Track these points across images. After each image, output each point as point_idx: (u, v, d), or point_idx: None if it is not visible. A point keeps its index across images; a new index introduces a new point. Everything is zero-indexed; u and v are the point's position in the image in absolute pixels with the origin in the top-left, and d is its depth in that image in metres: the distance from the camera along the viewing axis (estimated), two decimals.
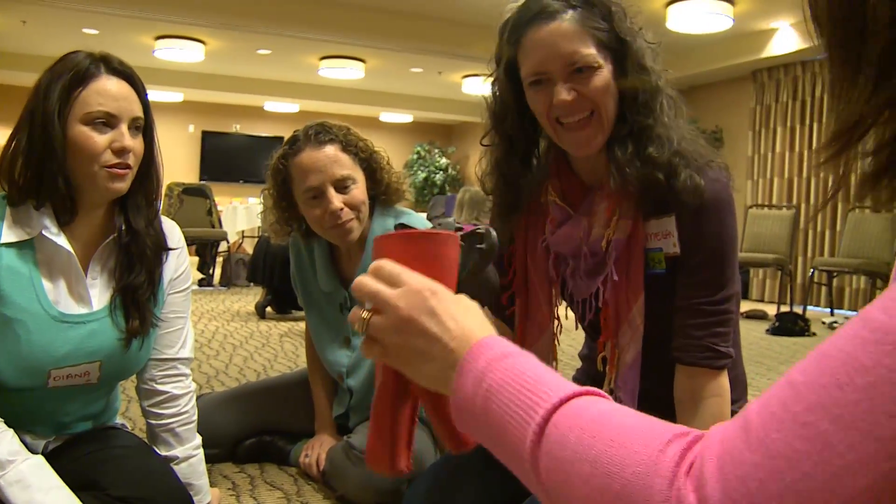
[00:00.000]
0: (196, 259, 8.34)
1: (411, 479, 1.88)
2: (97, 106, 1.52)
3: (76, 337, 1.58)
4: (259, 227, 9.60)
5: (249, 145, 13.78)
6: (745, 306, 7.52)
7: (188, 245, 8.50)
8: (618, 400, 1.39)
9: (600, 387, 1.43)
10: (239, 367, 3.86)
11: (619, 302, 1.40)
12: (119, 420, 1.90)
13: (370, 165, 2.07)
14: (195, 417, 1.82)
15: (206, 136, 13.65)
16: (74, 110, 1.52)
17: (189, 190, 8.33)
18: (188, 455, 1.79)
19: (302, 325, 5.33)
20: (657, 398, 1.36)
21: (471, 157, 14.72)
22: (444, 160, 14.49)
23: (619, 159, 1.35)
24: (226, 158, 13.67)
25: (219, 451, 2.25)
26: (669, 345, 1.40)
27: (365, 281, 0.77)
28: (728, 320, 1.39)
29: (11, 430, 1.50)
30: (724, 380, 1.38)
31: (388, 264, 0.76)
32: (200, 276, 8.23)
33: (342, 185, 1.99)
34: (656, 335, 1.40)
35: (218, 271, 8.47)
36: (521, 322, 1.56)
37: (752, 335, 5.75)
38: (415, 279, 0.75)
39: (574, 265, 1.46)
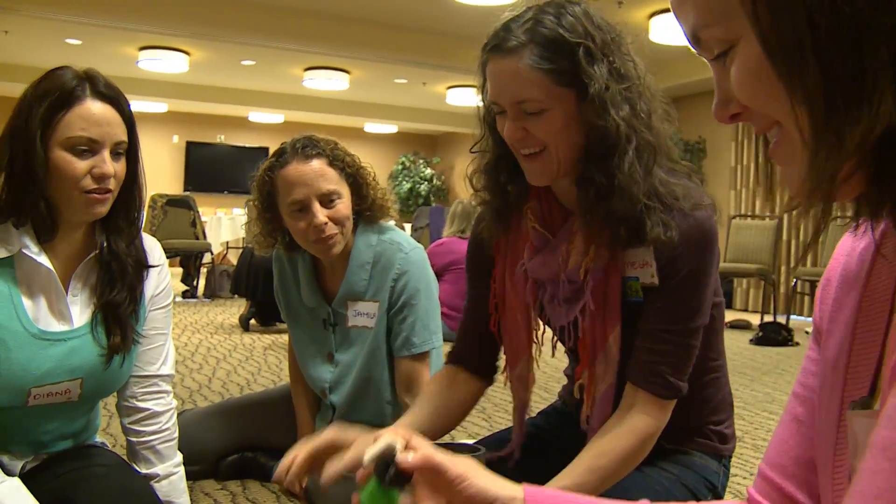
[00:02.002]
0: (180, 270, 8.30)
1: None
2: (80, 131, 1.50)
3: (57, 354, 1.57)
4: (244, 239, 9.58)
5: (234, 156, 13.75)
6: (728, 316, 7.55)
7: (172, 257, 8.48)
8: (591, 428, 1.40)
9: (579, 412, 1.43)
10: (222, 381, 3.84)
11: (596, 331, 1.39)
12: (99, 438, 1.88)
13: (356, 181, 2.06)
14: (176, 434, 1.81)
15: (191, 147, 13.61)
16: (57, 133, 1.50)
17: (173, 201, 8.29)
18: (169, 473, 1.78)
19: (286, 338, 5.31)
20: None
21: (456, 167, 14.74)
22: (428, 171, 14.50)
23: (581, 203, 1.33)
24: (210, 169, 13.64)
25: (200, 468, 2.23)
26: None
27: None
28: (688, 354, 1.36)
29: None
30: (662, 412, 1.36)
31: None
32: (184, 287, 8.19)
33: (327, 200, 1.98)
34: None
35: (202, 283, 8.42)
36: (504, 345, 1.56)
37: (736, 345, 5.77)
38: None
39: (552, 291, 1.44)
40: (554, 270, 1.41)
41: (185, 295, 8.07)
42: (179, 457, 1.81)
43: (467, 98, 11.44)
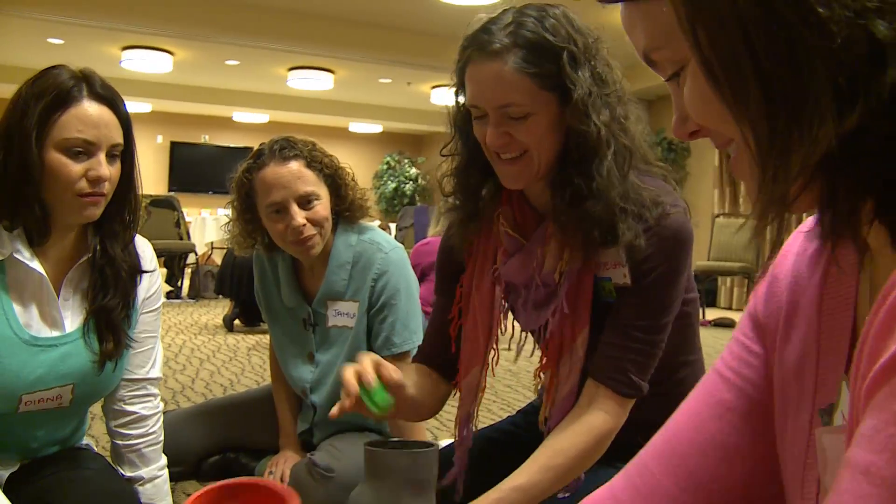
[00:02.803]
0: (164, 271, 8.27)
1: None
2: (76, 133, 1.48)
3: (48, 360, 1.54)
4: (228, 239, 9.54)
5: (219, 156, 13.70)
6: (712, 314, 7.59)
7: (156, 257, 8.45)
8: (549, 430, 1.39)
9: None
10: (205, 382, 3.83)
11: (564, 332, 1.38)
12: (84, 440, 1.87)
13: (335, 182, 2.06)
14: (162, 438, 1.80)
15: (175, 147, 13.56)
16: (52, 135, 1.48)
17: (157, 202, 8.26)
18: (153, 476, 1.77)
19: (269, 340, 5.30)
20: None
21: (441, 167, 14.72)
22: (413, 170, 14.51)
23: (556, 206, 1.33)
24: (195, 169, 13.59)
25: (183, 469, 2.23)
26: None
27: None
28: (652, 353, 1.36)
29: None
30: (622, 410, 1.35)
31: None
32: (169, 288, 8.16)
33: (305, 202, 1.99)
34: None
35: (186, 283, 8.40)
36: (462, 352, 1.53)
37: (719, 343, 5.80)
38: None
39: (525, 296, 1.44)
40: (528, 274, 1.40)
41: (169, 295, 8.04)
42: (164, 460, 1.81)
43: (452, 98, 11.43)
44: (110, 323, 1.60)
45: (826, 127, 0.49)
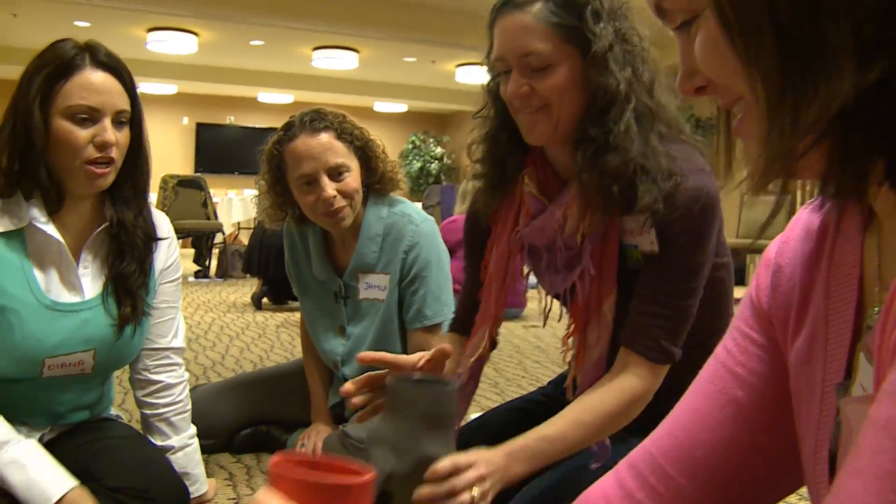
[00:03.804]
0: (192, 251, 8.32)
1: None
2: (79, 100, 1.51)
3: (69, 325, 1.58)
4: (255, 218, 9.60)
5: (244, 136, 13.74)
6: (739, 292, 7.49)
7: (183, 237, 8.51)
8: (577, 396, 1.38)
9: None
10: (235, 359, 3.86)
11: (591, 297, 1.38)
12: (115, 411, 1.90)
13: (365, 154, 2.06)
14: (189, 407, 1.83)
15: (201, 128, 13.61)
16: (57, 103, 1.51)
17: (184, 182, 8.30)
18: (184, 444, 1.80)
19: (298, 316, 5.31)
20: None
21: (472, 133, 14.68)
22: (438, 150, 14.47)
23: (578, 161, 1.33)
24: (220, 150, 13.64)
25: (215, 442, 2.25)
26: None
27: None
28: (682, 318, 1.35)
29: (1, 416, 1.51)
30: (654, 376, 1.34)
31: None
32: (196, 267, 8.22)
33: (336, 173, 1.98)
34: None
35: (214, 263, 8.45)
36: (479, 312, 1.54)
37: None
38: None
39: (548, 259, 1.43)
40: (550, 236, 1.40)
41: (197, 275, 8.10)
42: (193, 429, 1.84)
43: (477, 76, 11.35)
44: (128, 289, 1.65)
45: (844, 80, 0.47)
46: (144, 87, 11.38)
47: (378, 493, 1.09)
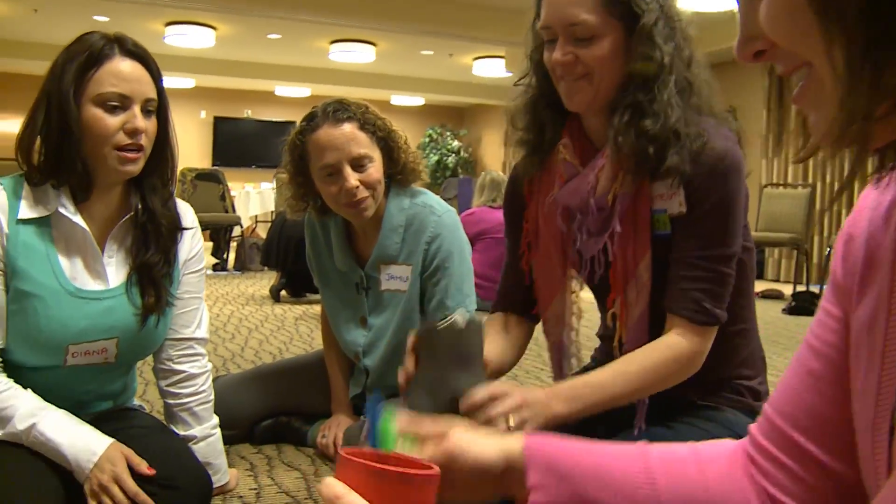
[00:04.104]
0: (210, 244, 8.35)
1: None
2: (110, 87, 1.54)
3: (93, 312, 1.60)
4: (273, 212, 9.62)
5: (261, 130, 13.80)
6: (760, 286, 7.48)
7: (202, 230, 8.59)
8: (626, 353, 1.42)
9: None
10: (255, 350, 3.87)
11: (627, 258, 1.43)
12: (136, 402, 1.91)
13: (387, 144, 2.06)
14: (212, 397, 1.84)
15: (218, 122, 13.68)
16: (88, 91, 1.54)
17: (202, 175, 8.33)
18: (206, 434, 1.81)
19: (317, 309, 5.33)
20: None
21: (483, 139, 14.68)
22: (455, 143, 14.46)
23: (615, 126, 1.38)
24: (238, 144, 13.70)
25: (236, 433, 2.25)
26: None
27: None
28: (722, 281, 1.39)
29: (29, 389, 1.55)
30: (701, 337, 1.38)
31: (345, 500, 0.63)
32: (215, 260, 8.25)
33: (359, 164, 1.98)
34: (663, 298, 1.42)
35: (232, 256, 8.48)
36: (536, 283, 1.59)
37: (767, 315, 5.72)
38: None
39: (581, 220, 1.48)
40: (583, 197, 1.45)
41: (215, 268, 8.13)
42: (216, 419, 1.85)
43: (494, 69, 11.37)
44: (152, 278, 1.66)
45: None
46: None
47: None
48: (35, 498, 1.39)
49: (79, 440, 1.50)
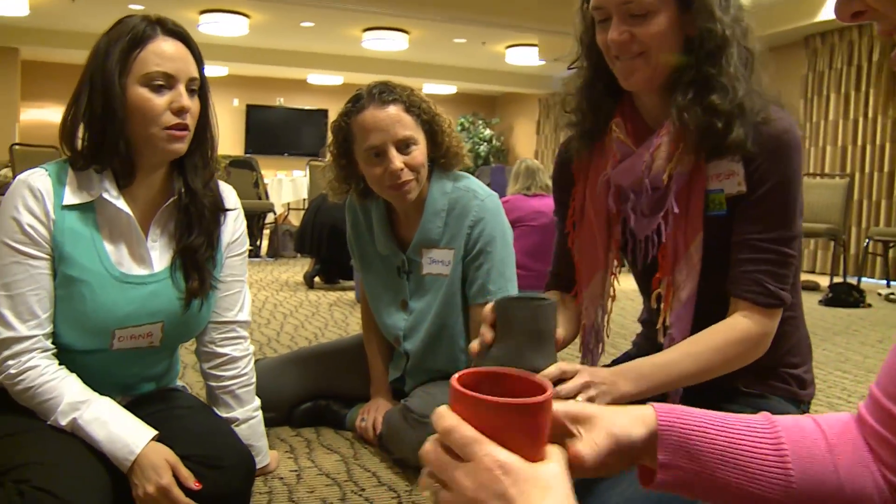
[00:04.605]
0: None
1: None
2: (155, 66, 1.54)
3: (138, 297, 1.61)
4: (305, 200, 9.66)
5: (293, 118, 13.85)
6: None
7: None
8: (670, 336, 1.42)
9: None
10: (290, 335, 3.90)
11: (678, 238, 1.41)
12: (179, 383, 1.93)
13: (432, 128, 2.05)
14: (254, 380, 1.85)
15: (251, 110, 13.74)
16: (133, 72, 1.54)
17: (236, 162, 8.38)
18: (248, 417, 1.82)
19: (350, 295, 5.35)
20: None
21: (515, 127, 14.62)
22: (487, 131, 14.41)
23: (679, 104, 1.36)
24: (270, 131, 13.76)
25: (275, 415, 2.26)
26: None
27: (430, 451, 0.67)
28: (785, 262, 1.37)
29: (74, 374, 1.56)
30: (766, 318, 1.37)
31: (458, 431, 0.65)
32: (248, 247, 8.29)
33: (404, 146, 1.98)
34: (714, 279, 1.40)
35: (265, 243, 8.54)
36: (578, 262, 1.58)
37: (804, 305, 5.63)
38: (486, 454, 0.64)
39: (635, 200, 1.46)
40: (637, 176, 1.44)
41: (248, 254, 8.18)
42: (257, 402, 1.86)
43: (527, 57, 11.31)
44: (195, 262, 1.67)
45: None
46: None
47: None
48: (81, 486, 1.40)
49: (118, 437, 1.49)
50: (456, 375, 0.68)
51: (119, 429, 1.51)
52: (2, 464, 1.41)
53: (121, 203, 1.59)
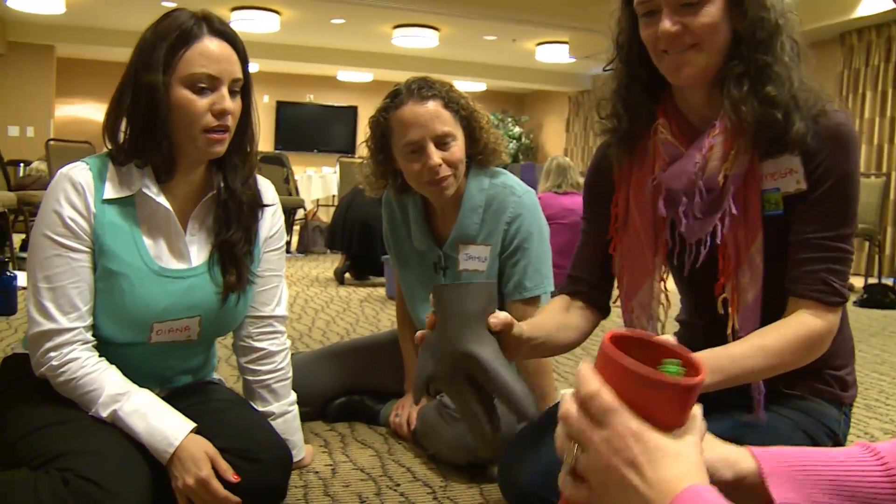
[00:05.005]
0: None
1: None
2: (200, 68, 1.53)
3: (176, 291, 1.62)
4: (334, 196, 9.70)
5: (323, 115, 13.90)
6: None
7: None
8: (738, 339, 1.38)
9: (721, 332, 1.40)
10: (322, 331, 3.91)
11: (738, 240, 1.38)
12: (216, 376, 1.93)
13: (470, 124, 2.04)
14: (290, 374, 1.86)
15: (281, 107, 13.81)
16: (178, 71, 1.53)
17: (267, 158, 8.44)
18: (284, 411, 1.83)
19: (382, 291, 5.37)
20: None
21: (544, 125, 14.58)
22: (517, 129, 14.38)
23: (734, 97, 1.33)
24: (300, 128, 13.83)
25: (309, 409, 2.27)
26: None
27: (572, 415, 0.72)
28: (845, 259, 1.35)
29: (115, 367, 1.57)
30: (831, 314, 1.34)
31: (600, 398, 0.70)
32: (286, 241, 8.34)
33: (442, 142, 1.97)
34: (773, 280, 1.37)
35: (295, 239, 8.58)
36: (622, 270, 1.55)
37: None
38: (622, 423, 0.69)
39: (687, 204, 1.43)
40: (690, 178, 1.40)
41: None
42: (293, 396, 1.87)
43: (557, 55, 11.27)
44: (233, 257, 1.67)
45: None
46: None
47: (431, 393, 1.15)
48: (123, 476, 1.40)
49: (157, 430, 1.50)
50: (608, 335, 0.71)
51: (158, 421, 1.51)
52: (46, 452, 1.43)
53: (161, 198, 1.59)
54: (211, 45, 1.55)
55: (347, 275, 5.92)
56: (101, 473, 1.36)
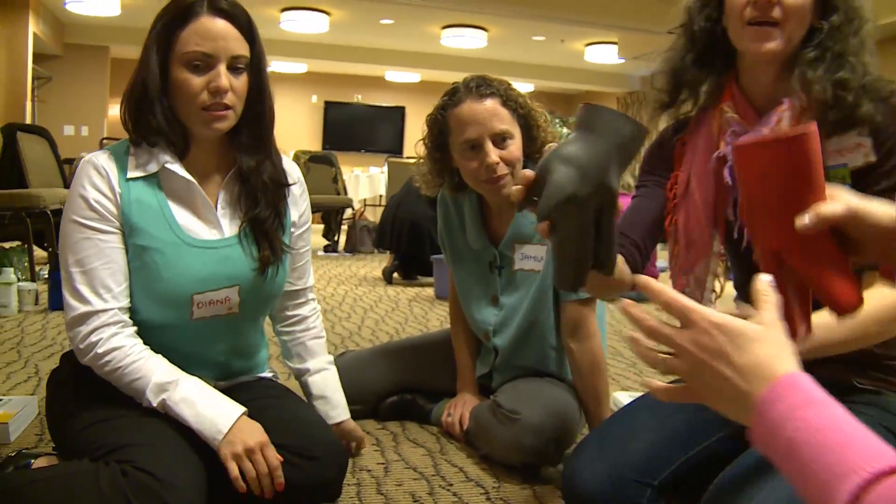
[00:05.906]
0: (321, 226, 8.51)
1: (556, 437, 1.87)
2: (194, 46, 1.53)
3: (212, 261, 1.63)
4: (381, 196, 9.74)
5: (370, 115, 13.97)
6: None
7: (314, 212, 8.76)
8: None
9: None
10: (371, 330, 3.92)
11: None
12: (269, 372, 1.94)
13: (527, 122, 2.03)
14: (324, 335, 1.95)
15: (329, 106, 13.91)
16: (175, 51, 1.55)
17: (315, 158, 8.51)
18: (320, 368, 1.91)
19: (430, 291, 5.36)
20: None
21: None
22: (564, 130, 14.29)
23: (807, 76, 1.35)
24: (347, 128, 13.91)
25: (361, 408, 2.27)
26: None
27: (656, 327, 0.79)
28: None
29: (160, 355, 1.58)
30: None
31: (677, 301, 0.78)
32: (325, 242, 8.40)
33: (500, 140, 1.96)
34: None
35: (342, 238, 8.63)
36: (677, 247, 1.54)
37: None
38: (701, 317, 0.75)
39: None
40: None
41: (326, 249, 8.28)
42: (330, 357, 1.95)
43: (606, 55, 11.18)
44: (265, 232, 1.69)
45: None
46: (276, 65, 11.71)
47: (549, 212, 1.12)
48: (178, 467, 1.41)
49: (205, 417, 1.51)
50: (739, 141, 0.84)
51: (207, 409, 1.52)
52: (106, 444, 1.45)
53: (184, 172, 1.61)
54: (208, 22, 1.54)
55: (396, 274, 5.93)
56: (158, 465, 1.38)
